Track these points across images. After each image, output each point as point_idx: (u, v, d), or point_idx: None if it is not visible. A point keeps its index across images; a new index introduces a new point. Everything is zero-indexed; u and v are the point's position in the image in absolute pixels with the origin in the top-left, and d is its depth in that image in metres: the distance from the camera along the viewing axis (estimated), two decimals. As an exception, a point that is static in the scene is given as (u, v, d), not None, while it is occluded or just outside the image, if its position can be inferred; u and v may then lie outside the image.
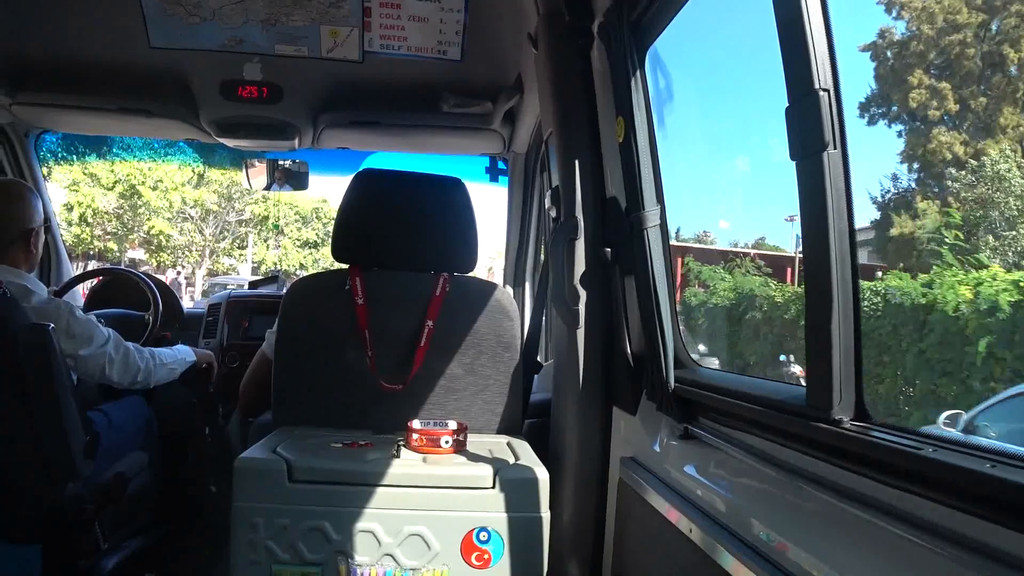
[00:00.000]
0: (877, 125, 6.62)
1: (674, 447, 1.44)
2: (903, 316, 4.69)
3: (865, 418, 0.95)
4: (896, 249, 6.43)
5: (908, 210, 6.40)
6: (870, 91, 6.46)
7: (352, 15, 2.36)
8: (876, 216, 6.71)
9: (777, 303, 6.51)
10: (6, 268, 2.09)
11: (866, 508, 0.90)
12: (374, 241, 1.93)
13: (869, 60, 6.45)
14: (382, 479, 1.51)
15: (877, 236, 6.66)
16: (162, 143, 3.55)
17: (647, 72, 1.58)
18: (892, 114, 6.56)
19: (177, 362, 2.42)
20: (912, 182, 6.58)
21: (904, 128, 6.55)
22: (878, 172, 6.72)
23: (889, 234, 6.45)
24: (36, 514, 1.94)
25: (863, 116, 6.40)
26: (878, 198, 6.73)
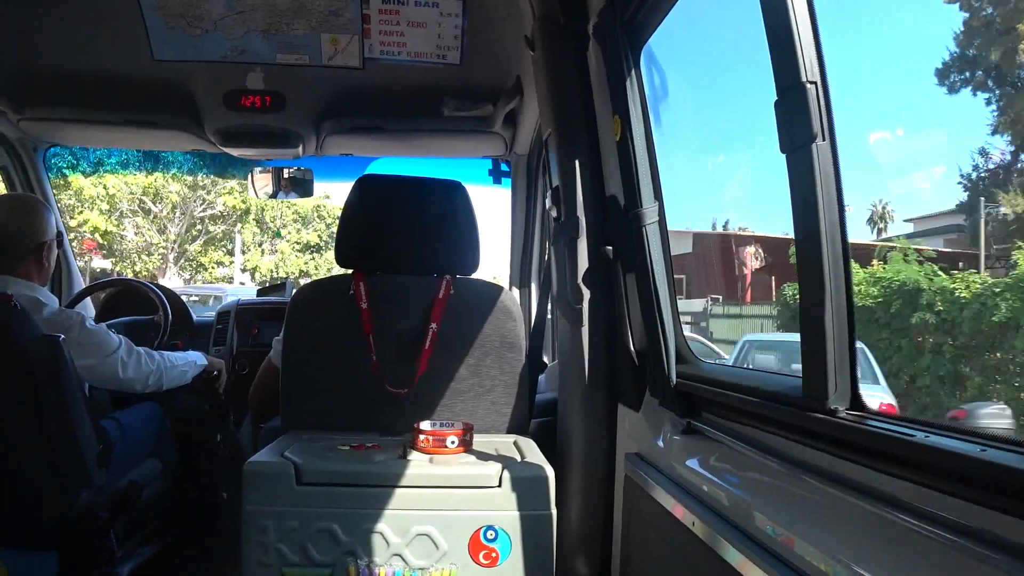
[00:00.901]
0: (960, 93, 5.34)
1: (677, 442, 1.44)
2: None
3: (860, 407, 0.96)
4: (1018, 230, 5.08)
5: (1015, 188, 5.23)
6: (949, 55, 5.26)
7: (352, 22, 2.39)
8: (963, 198, 5.61)
9: (960, 301, 4.41)
10: (18, 281, 2.11)
11: (864, 496, 0.90)
12: (377, 246, 1.95)
13: (959, 11, 5.20)
14: (389, 480, 1.52)
15: (971, 222, 5.70)
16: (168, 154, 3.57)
17: (642, 71, 1.59)
18: (978, 80, 5.23)
19: (187, 364, 2.44)
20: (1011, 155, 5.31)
21: (997, 94, 5.19)
22: (963, 148, 5.83)
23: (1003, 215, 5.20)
24: (51, 522, 1.97)
25: (942, 84, 5.26)
26: (970, 176, 5.55)
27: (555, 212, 1.82)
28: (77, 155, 3.42)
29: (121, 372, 2.18)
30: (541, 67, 1.84)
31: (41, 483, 1.96)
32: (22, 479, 1.95)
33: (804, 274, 1.00)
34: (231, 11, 2.36)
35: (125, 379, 2.20)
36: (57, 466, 1.95)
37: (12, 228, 2.16)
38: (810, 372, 1.00)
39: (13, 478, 1.95)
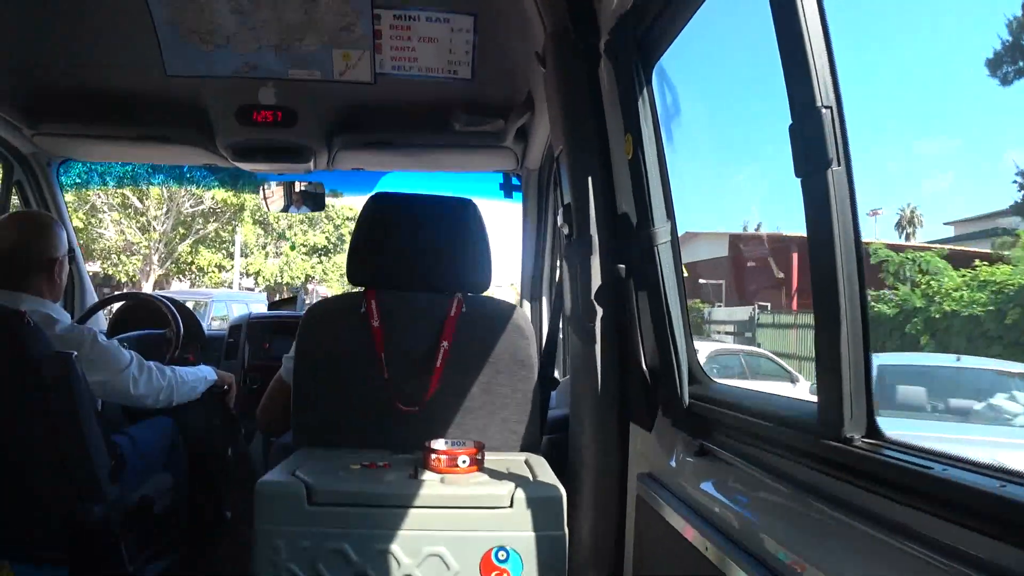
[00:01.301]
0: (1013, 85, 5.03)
1: (690, 463, 1.43)
2: None
3: (876, 435, 0.95)
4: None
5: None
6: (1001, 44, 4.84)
7: (363, 38, 2.39)
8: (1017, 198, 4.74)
9: None
10: (31, 297, 2.12)
11: (879, 527, 0.89)
12: (388, 263, 1.95)
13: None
14: (401, 500, 1.52)
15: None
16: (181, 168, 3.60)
17: (654, 88, 1.59)
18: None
19: (198, 380, 2.44)
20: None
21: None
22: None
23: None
24: (63, 536, 1.97)
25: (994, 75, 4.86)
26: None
27: (567, 229, 1.82)
28: (90, 169, 3.44)
29: (132, 388, 2.18)
30: (552, 83, 1.84)
31: (53, 497, 1.97)
32: (35, 493, 1.96)
33: (819, 299, 0.99)
34: (244, 27, 2.37)
35: (136, 395, 2.20)
36: (69, 480, 1.95)
37: (24, 245, 2.17)
38: (825, 399, 0.99)
39: (26, 492, 1.95)
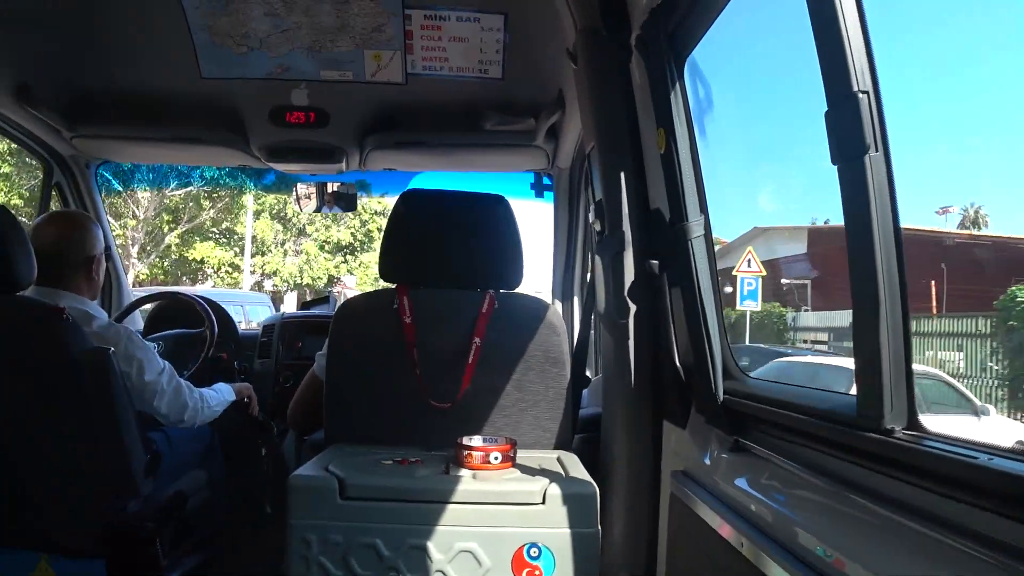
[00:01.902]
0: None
1: (725, 460, 1.41)
2: None
3: (917, 427, 0.93)
4: None
5: None
6: None
7: (394, 39, 2.41)
8: None
9: None
10: (69, 295, 2.17)
11: (922, 520, 0.87)
12: (420, 260, 1.95)
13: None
14: (433, 496, 1.52)
15: None
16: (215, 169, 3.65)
17: (686, 82, 1.57)
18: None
19: (220, 404, 2.43)
20: None
21: None
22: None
23: None
24: (100, 530, 2.00)
25: None
26: None
27: (599, 226, 1.81)
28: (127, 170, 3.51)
29: (157, 397, 2.16)
30: (583, 80, 1.83)
31: (90, 491, 2.00)
32: (71, 487, 1.99)
33: (858, 288, 0.97)
34: (276, 29, 2.40)
35: (158, 405, 2.17)
36: (105, 475, 1.99)
37: (62, 243, 2.21)
38: (865, 390, 0.97)
39: (63, 486, 1.99)
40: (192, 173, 3.76)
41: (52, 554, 1.99)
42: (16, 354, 1.90)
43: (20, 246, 1.92)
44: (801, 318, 9.13)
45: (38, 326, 1.90)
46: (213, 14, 2.34)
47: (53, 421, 1.95)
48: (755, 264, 6.03)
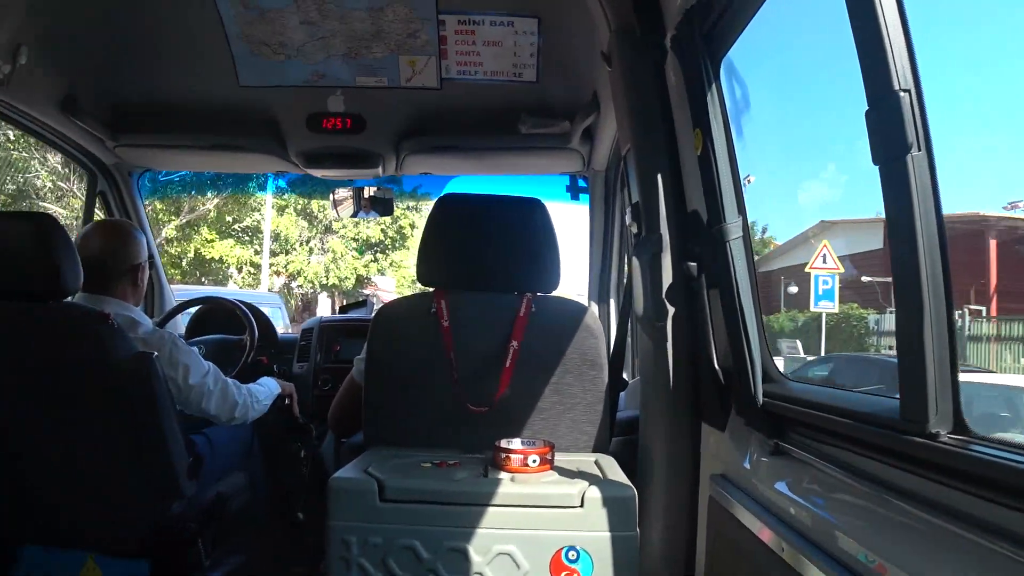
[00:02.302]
0: None
1: (765, 463, 1.40)
2: None
3: (963, 431, 0.91)
4: None
5: None
6: None
7: (429, 44, 2.43)
8: None
9: None
10: (114, 301, 2.22)
11: (969, 526, 0.85)
12: (458, 264, 1.96)
13: None
14: (471, 498, 1.52)
15: None
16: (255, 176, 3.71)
17: (722, 82, 1.56)
18: None
19: (268, 397, 2.49)
20: None
21: None
22: None
23: None
24: (144, 531, 2.05)
25: None
26: None
27: (635, 228, 1.80)
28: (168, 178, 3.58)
29: (206, 399, 2.22)
30: (618, 82, 1.83)
31: (134, 493, 2.04)
32: (117, 489, 2.04)
33: (901, 288, 0.96)
34: (312, 37, 2.43)
35: (208, 407, 2.23)
36: (149, 477, 2.03)
37: (108, 251, 2.27)
38: (909, 393, 0.95)
39: (109, 488, 2.04)
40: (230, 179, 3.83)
41: (99, 554, 2.04)
42: (63, 359, 1.95)
43: (67, 254, 1.96)
44: (887, 320, 7.61)
45: (84, 331, 1.95)
46: (250, 23, 2.38)
47: (99, 425, 1.99)
48: (831, 260, 5.62)
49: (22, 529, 2.07)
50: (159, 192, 3.69)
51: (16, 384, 1.97)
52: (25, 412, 1.99)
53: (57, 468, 2.02)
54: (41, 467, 2.02)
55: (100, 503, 2.04)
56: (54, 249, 1.94)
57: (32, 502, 2.05)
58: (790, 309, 7.17)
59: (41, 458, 2.02)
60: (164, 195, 3.76)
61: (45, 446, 2.01)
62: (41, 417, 1.99)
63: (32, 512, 2.06)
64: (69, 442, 2.00)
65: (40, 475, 2.03)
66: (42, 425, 2.00)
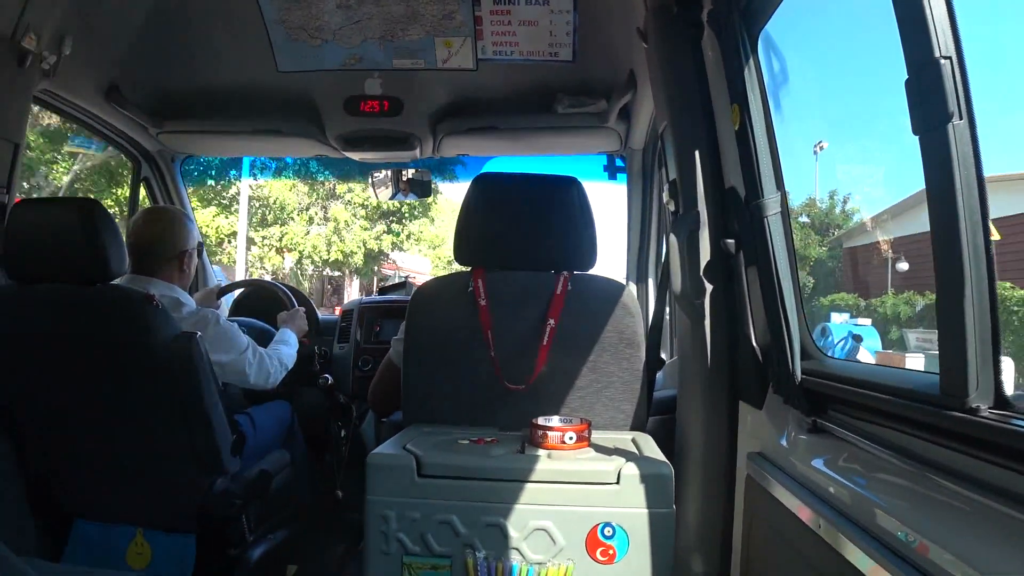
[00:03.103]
0: None
1: (802, 441, 1.39)
2: None
3: (1005, 405, 0.89)
4: None
5: None
6: None
7: (464, 25, 2.43)
8: None
9: None
10: (161, 283, 2.28)
11: (1010, 502, 0.84)
12: (495, 243, 1.97)
13: None
14: (508, 474, 1.53)
15: None
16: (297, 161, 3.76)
17: (760, 57, 1.54)
18: None
19: (292, 356, 2.60)
20: None
21: None
22: None
23: None
24: (190, 507, 2.11)
25: None
26: None
27: (672, 206, 1.79)
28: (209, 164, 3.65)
29: (247, 369, 2.34)
30: (655, 59, 1.81)
31: (181, 470, 2.10)
32: (165, 466, 2.10)
33: (942, 261, 0.94)
34: (349, 21, 2.45)
35: (249, 375, 2.35)
36: (195, 454, 2.08)
37: (158, 236, 2.35)
38: (949, 367, 0.94)
39: (158, 465, 2.10)
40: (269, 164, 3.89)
41: (147, 528, 2.11)
42: (110, 338, 2.01)
43: (112, 238, 2.02)
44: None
45: (130, 312, 2.00)
46: (288, 9, 2.41)
47: (145, 403, 2.05)
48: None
49: (74, 504, 2.14)
50: (201, 178, 3.74)
51: (66, 364, 2.03)
52: (75, 391, 2.06)
53: (106, 445, 2.08)
54: (91, 444, 2.09)
55: (147, 479, 2.11)
56: (100, 234, 1.99)
57: (83, 478, 2.13)
58: (903, 290, 5.98)
59: (91, 436, 2.08)
60: (205, 180, 3.82)
61: (94, 424, 2.07)
62: (90, 396, 2.06)
63: (83, 488, 2.13)
64: (117, 420, 2.07)
65: (90, 452, 2.10)
66: (91, 404, 2.06)
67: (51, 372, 2.04)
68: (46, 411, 2.08)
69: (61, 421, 2.08)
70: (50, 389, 2.05)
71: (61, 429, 2.09)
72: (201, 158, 3.51)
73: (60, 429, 2.09)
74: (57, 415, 2.08)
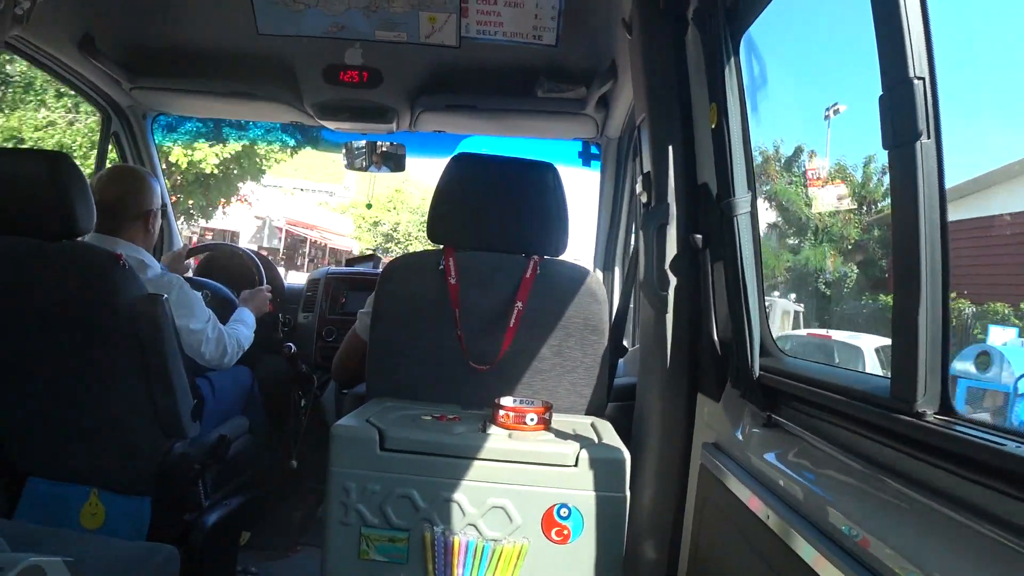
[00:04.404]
0: None
1: (756, 434, 1.44)
2: None
3: (949, 412, 0.94)
4: None
5: None
6: None
7: (449, 1, 2.41)
8: None
9: None
10: (126, 243, 2.26)
11: (947, 503, 0.89)
12: (468, 223, 1.98)
13: None
14: (469, 452, 1.56)
15: None
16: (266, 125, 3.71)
17: (741, 58, 1.57)
18: None
19: (249, 338, 2.58)
20: None
21: None
22: None
23: None
24: (147, 469, 2.10)
25: None
26: None
27: (645, 197, 1.82)
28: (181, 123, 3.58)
29: (204, 343, 2.32)
30: (637, 51, 1.83)
31: (141, 432, 2.09)
32: (124, 428, 2.09)
33: (900, 271, 0.98)
34: None
35: (204, 350, 2.33)
36: (155, 416, 2.08)
37: (123, 195, 2.32)
38: (899, 373, 0.99)
39: (117, 426, 2.09)
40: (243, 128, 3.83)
41: (102, 489, 2.10)
42: (75, 297, 1.99)
43: (81, 194, 1.99)
44: None
45: (96, 271, 1.98)
46: None
47: (107, 363, 2.04)
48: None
49: (28, 462, 2.12)
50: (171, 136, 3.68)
51: (28, 320, 2.01)
52: (36, 348, 2.03)
53: (64, 404, 2.07)
54: (50, 401, 2.07)
55: (106, 439, 2.09)
56: (69, 189, 1.96)
57: (40, 435, 2.11)
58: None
59: (50, 393, 2.06)
60: (176, 139, 3.76)
61: (54, 381, 2.05)
62: (51, 353, 2.04)
63: (40, 445, 2.11)
64: (77, 379, 2.05)
65: (47, 410, 2.08)
66: (52, 361, 2.05)
67: (9, 327, 2.01)
68: (3, 367, 2.05)
69: (19, 377, 2.06)
70: (8, 344, 2.03)
71: (18, 385, 2.06)
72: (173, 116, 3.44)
73: (17, 385, 2.06)
74: (15, 371, 2.05)
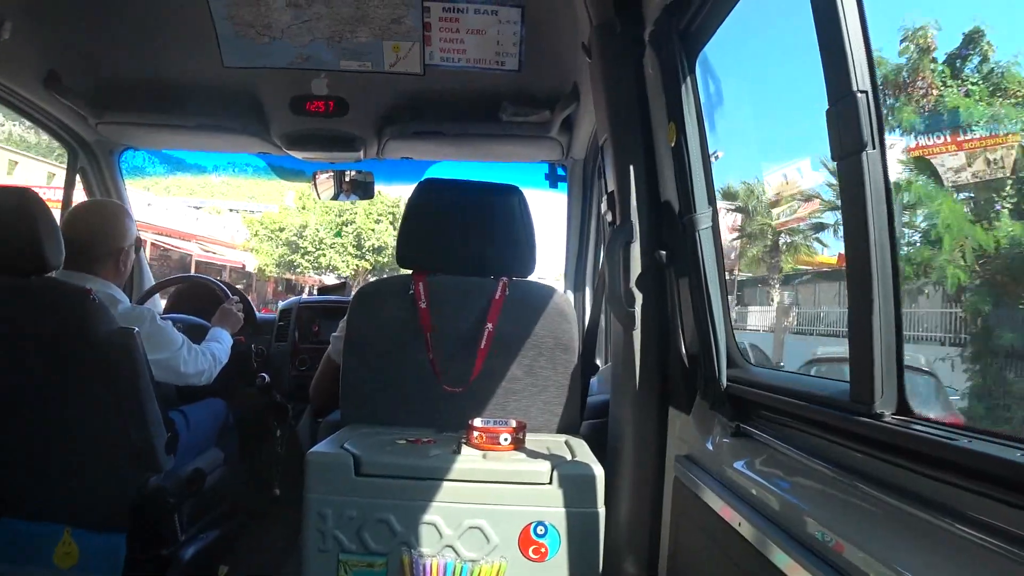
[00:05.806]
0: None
1: (727, 444, 1.46)
2: None
3: (906, 411, 0.97)
4: None
5: None
6: None
7: (413, 30, 2.45)
8: None
9: None
10: (96, 279, 2.24)
11: (909, 500, 0.91)
12: (437, 247, 2.00)
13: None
14: (444, 474, 1.57)
15: None
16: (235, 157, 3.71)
17: (697, 77, 1.61)
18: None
19: (224, 353, 2.59)
20: None
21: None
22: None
23: None
24: (121, 505, 2.07)
25: None
26: None
27: (610, 217, 1.85)
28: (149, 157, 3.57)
29: (183, 367, 2.31)
30: (598, 74, 1.87)
31: (114, 467, 2.07)
32: (97, 462, 2.06)
33: (852, 277, 1.02)
34: (297, 20, 2.45)
35: (184, 373, 2.33)
36: (129, 451, 2.05)
37: (96, 232, 2.30)
38: (858, 376, 1.02)
39: (89, 461, 2.06)
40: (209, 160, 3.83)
41: (75, 527, 2.06)
42: (45, 332, 1.97)
43: (48, 230, 1.98)
44: None
45: (66, 306, 1.97)
46: (236, 4, 2.39)
47: (80, 398, 2.02)
48: None
49: (1, 501, 2.08)
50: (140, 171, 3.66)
51: (1, 357, 1.99)
52: (5, 384, 2.01)
53: (36, 440, 2.04)
54: (20, 439, 2.04)
55: (79, 476, 2.07)
56: (36, 225, 1.95)
57: (10, 474, 2.07)
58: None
59: (20, 430, 2.04)
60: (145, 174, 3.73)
61: (25, 418, 2.03)
62: (21, 390, 2.01)
63: (10, 484, 2.08)
64: (49, 415, 2.02)
65: (19, 447, 2.05)
66: (22, 399, 2.02)
67: None
68: None
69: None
70: None
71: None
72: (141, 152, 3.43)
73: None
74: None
